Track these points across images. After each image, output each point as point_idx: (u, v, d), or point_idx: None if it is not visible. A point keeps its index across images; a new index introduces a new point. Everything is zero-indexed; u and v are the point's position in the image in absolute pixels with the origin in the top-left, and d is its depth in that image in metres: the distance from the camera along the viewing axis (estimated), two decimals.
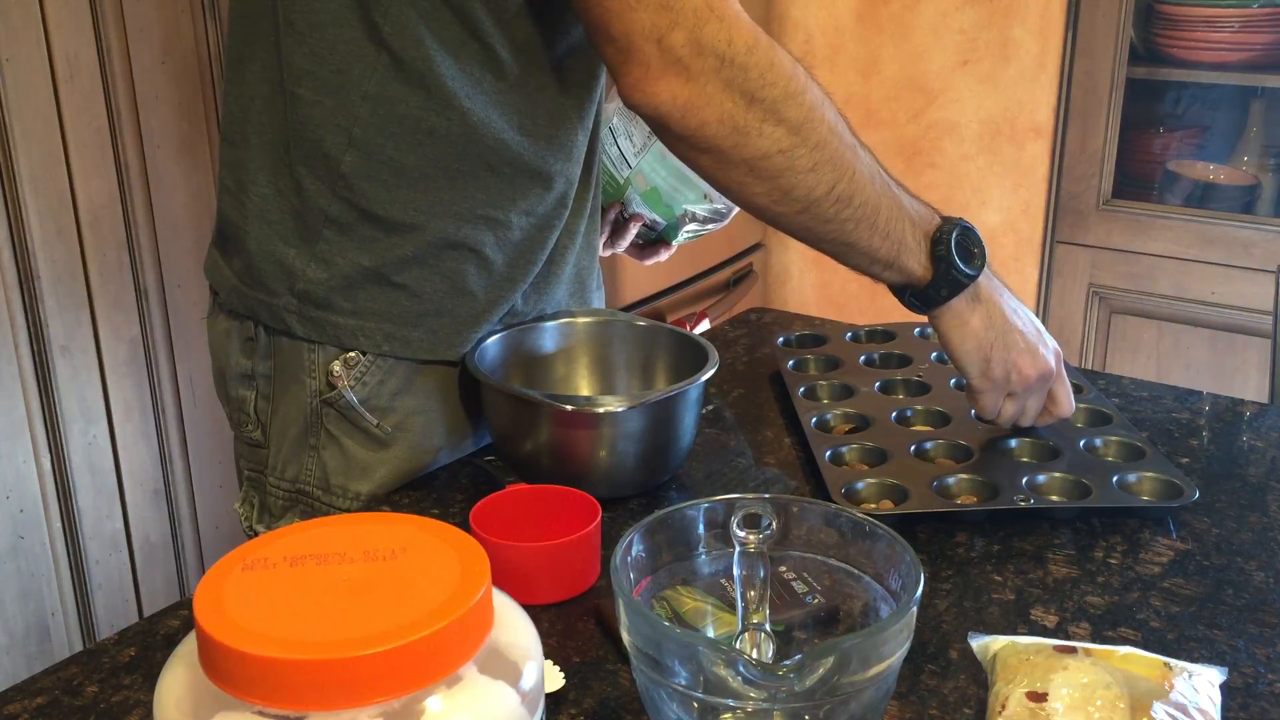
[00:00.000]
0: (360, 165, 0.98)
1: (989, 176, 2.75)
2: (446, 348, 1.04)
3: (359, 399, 1.02)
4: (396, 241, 1.00)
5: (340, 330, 1.01)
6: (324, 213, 0.99)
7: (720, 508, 0.72)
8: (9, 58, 1.74)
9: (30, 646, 1.90)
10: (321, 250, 1.00)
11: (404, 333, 1.02)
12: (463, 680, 0.49)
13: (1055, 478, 1.01)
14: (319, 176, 0.99)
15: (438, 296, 1.02)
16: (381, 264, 1.00)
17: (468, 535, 0.54)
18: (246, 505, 1.13)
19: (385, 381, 1.03)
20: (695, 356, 1.07)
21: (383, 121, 0.97)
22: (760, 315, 1.52)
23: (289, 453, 1.06)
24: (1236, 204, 2.60)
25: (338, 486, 1.05)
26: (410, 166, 0.98)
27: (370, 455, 1.04)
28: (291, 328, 1.02)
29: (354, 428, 1.04)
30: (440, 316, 1.03)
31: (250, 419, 1.08)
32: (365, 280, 1.01)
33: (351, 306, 1.01)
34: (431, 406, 1.05)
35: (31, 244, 1.81)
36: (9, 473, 1.83)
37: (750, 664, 0.59)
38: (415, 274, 1.01)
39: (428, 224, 1.00)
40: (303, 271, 1.01)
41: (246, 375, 1.07)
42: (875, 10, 2.80)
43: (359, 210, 0.99)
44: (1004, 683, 0.70)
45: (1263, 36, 2.48)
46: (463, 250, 1.02)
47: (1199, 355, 2.59)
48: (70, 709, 0.75)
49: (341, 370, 1.02)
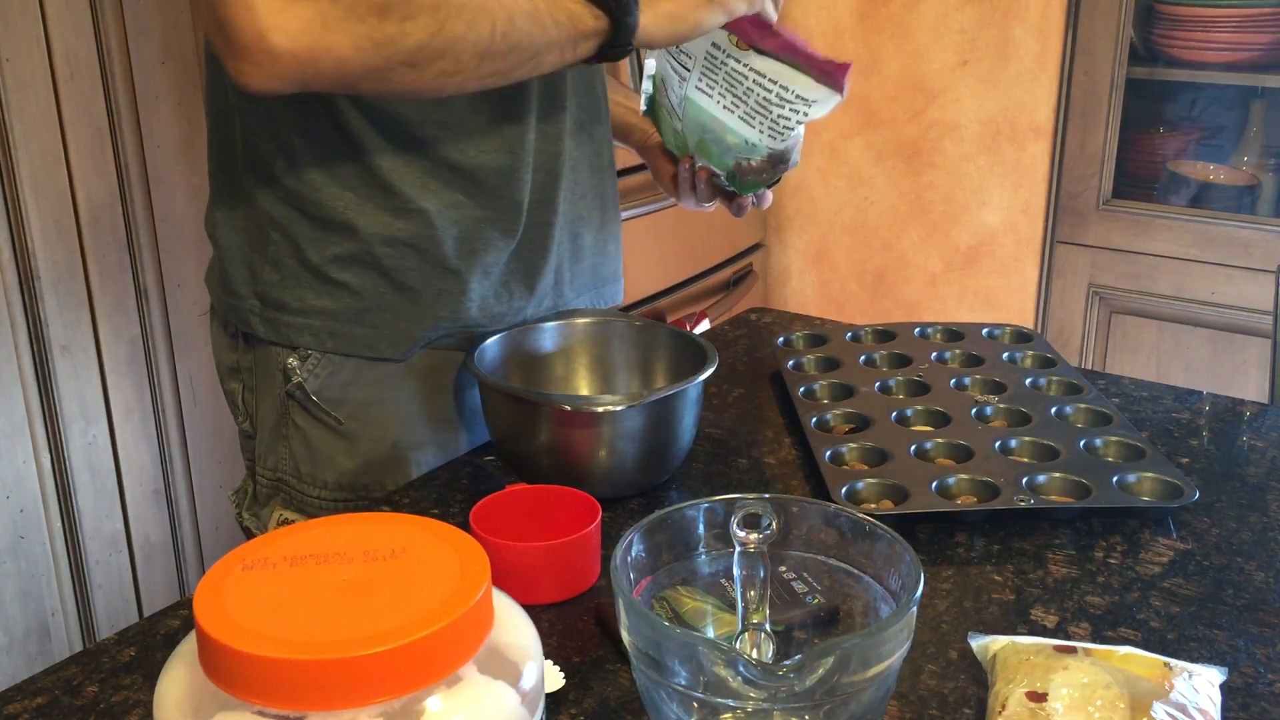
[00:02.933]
0: (291, 168, 1.01)
1: (989, 176, 2.75)
2: (390, 345, 1.06)
3: (313, 391, 1.06)
4: (334, 239, 1.02)
5: (290, 329, 1.05)
6: (269, 215, 1.04)
7: (720, 508, 0.72)
8: (9, 58, 1.74)
9: (30, 646, 1.90)
10: (272, 253, 1.04)
11: (346, 330, 1.05)
12: (463, 680, 0.49)
13: (1055, 478, 1.01)
14: (260, 181, 1.03)
15: (377, 293, 1.04)
16: (321, 262, 1.03)
17: (468, 535, 0.54)
18: (239, 494, 1.17)
19: (336, 374, 1.06)
20: (695, 356, 1.07)
21: (307, 124, 1.00)
22: (760, 315, 1.52)
23: (268, 442, 1.11)
24: (1236, 204, 2.60)
25: (308, 475, 1.09)
26: (337, 166, 1.01)
27: (331, 446, 1.08)
28: (255, 329, 1.07)
29: (314, 419, 1.07)
30: (382, 312, 1.05)
31: (240, 411, 1.14)
32: (309, 279, 1.04)
33: (299, 305, 1.05)
34: (384, 398, 1.08)
35: (31, 244, 1.81)
36: (9, 473, 1.83)
37: (750, 664, 0.59)
38: (354, 271, 1.03)
39: (358, 221, 1.02)
40: (260, 274, 1.06)
41: (234, 369, 1.13)
42: (875, 10, 2.80)
43: (296, 211, 1.02)
44: (1004, 683, 0.70)
45: (1263, 36, 2.47)
46: (397, 245, 1.03)
47: (1199, 355, 2.58)
48: (70, 709, 0.75)
49: (296, 364, 1.06)
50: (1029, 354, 1.29)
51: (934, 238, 2.87)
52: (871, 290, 3.01)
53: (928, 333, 1.36)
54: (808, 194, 3.03)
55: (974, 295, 2.85)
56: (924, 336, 1.35)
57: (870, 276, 3.00)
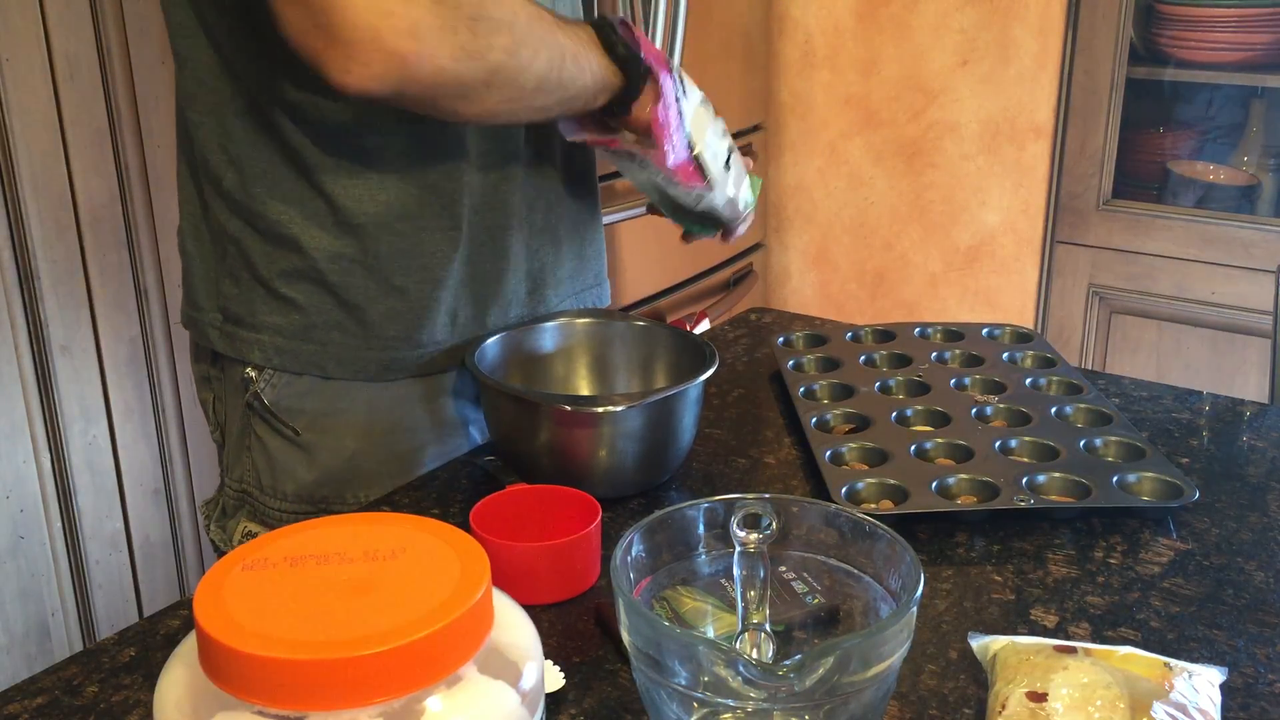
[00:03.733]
0: (239, 182, 1.01)
1: (989, 176, 2.75)
2: (338, 364, 1.04)
3: (270, 402, 1.05)
4: (282, 254, 1.01)
5: (243, 344, 1.05)
6: (223, 229, 1.03)
7: (720, 508, 0.72)
8: (9, 58, 1.74)
9: (30, 646, 1.90)
10: (230, 266, 1.04)
11: (294, 346, 1.04)
12: (463, 680, 0.49)
13: (1055, 478, 1.01)
14: (215, 194, 1.03)
15: (325, 309, 1.03)
16: (270, 277, 1.02)
17: (468, 535, 0.54)
18: (210, 505, 1.16)
19: (291, 384, 1.05)
20: (695, 356, 1.07)
21: (254, 137, 0.99)
22: (760, 315, 1.52)
23: (233, 453, 1.10)
24: (1236, 204, 2.60)
25: (269, 486, 1.08)
26: (281, 180, 1.00)
27: (289, 457, 1.06)
28: (214, 343, 1.07)
29: (273, 430, 1.06)
30: (329, 330, 1.03)
31: (213, 421, 1.13)
32: (262, 294, 1.03)
33: (252, 320, 1.04)
34: (339, 409, 1.06)
35: (31, 244, 1.81)
36: (9, 473, 1.83)
37: (750, 664, 0.59)
38: (300, 288, 1.02)
39: (302, 236, 1.00)
40: (221, 288, 1.05)
41: (206, 379, 1.12)
42: (875, 10, 2.80)
43: (246, 224, 1.02)
44: (1004, 683, 0.70)
45: (1263, 36, 2.47)
46: (342, 261, 1.01)
47: (1199, 355, 2.59)
48: (70, 709, 0.75)
49: (254, 374, 1.05)
50: (1029, 354, 1.29)
51: (934, 238, 2.87)
52: (871, 290, 3.01)
53: (928, 333, 1.36)
54: (808, 194, 3.03)
55: (974, 295, 2.85)
56: (924, 336, 1.35)
57: (870, 276, 3.00)
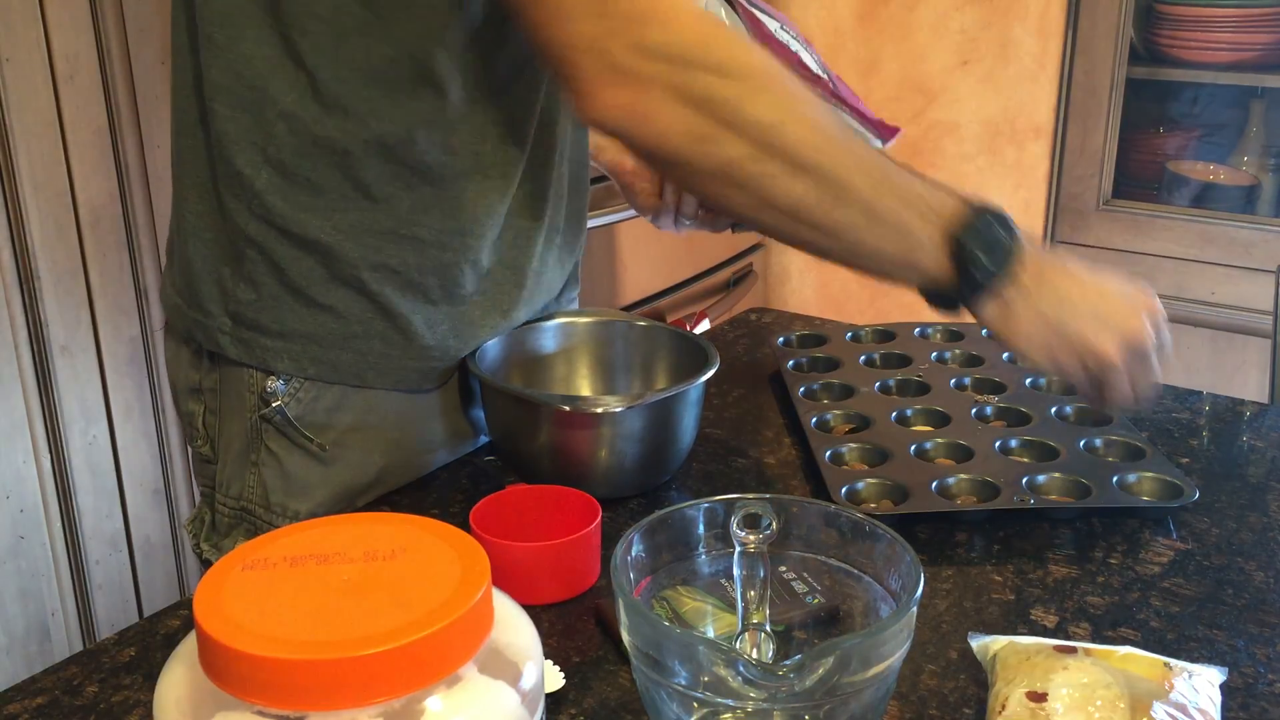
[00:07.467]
0: (275, 184, 0.95)
1: (989, 176, 2.75)
2: (378, 374, 1.01)
3: (294, 415, 1.00)
4: (317, 261, 0.97)
5: (267, 352, 0.99)
6: (244, 232, 0.97)
7: (720, 508, 0.72)
8: (9, 58, 1.74)
9: (30, 646, 1.90)
10: (248, 270, 0.98)
11: (330, 355, 0.99)
12: (463, 680, 0.49)
13: (1055, 478, 1.01)
14: (236, 195, 0.96)
15: (365, 318, 0.99)
16: (305, 284, 0.97)
17: (468, 535, 0.53)
18: (196, 523, 1.09)
19: (320, 397, 1.00)
20: (695, 356, 1.07)
21: (298, 141, 0.93)
22: (760, 315, 1.52)
23: (233, 469, 1.04)
24: (1236, 204, 2.60)
25: (277, 505, 1.02)
26: (327, 186, 0.95)
27: (309, 473, 1.01)
28: (225, 349, 1.00)
29: (293, 445, 1.01)
30: (369, 339, 0.99)
31: (200, 434, 1.06)
32: (289, 301, 0.98)
33: (279, 328, 0.99)
34: (370, 423, 1.02)
35: (31, 244, 1.81)
36: (9, 473, 1.83)
37: (750, 664, 0.59)
38: (339, 295, 0.98)
39: (345, 244, 0.96)
40: (234, 292, 0.99)
41: (195, 389, 1.05)
42: (875, 10, 2.80)
43: (277, 230, 0.96)
44: (1004, 683, 0.70)
45: (1263, 36, 2.47)
46: (385, 271, 0.98)
47: (1199, 355, 2.58)
48: (70, 709, 0.75)
49: (273, 384, 0.99)
50: None
51: None
52: (871, 290, 3.00)
53: (928, 333, 1.36)
54: None
55: None
56: (924, 336, 1.35)
57: None
